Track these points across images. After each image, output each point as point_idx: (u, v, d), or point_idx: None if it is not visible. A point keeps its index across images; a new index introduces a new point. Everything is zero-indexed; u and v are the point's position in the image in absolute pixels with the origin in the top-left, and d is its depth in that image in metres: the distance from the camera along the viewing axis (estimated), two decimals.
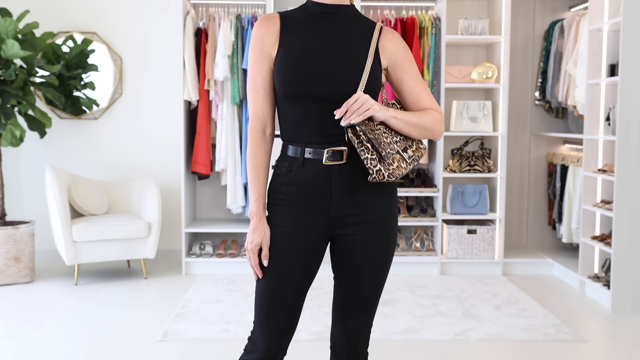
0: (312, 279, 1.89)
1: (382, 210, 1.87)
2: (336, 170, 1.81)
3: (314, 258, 1.86)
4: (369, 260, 1.87)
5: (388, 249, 1.90)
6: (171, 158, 5.44)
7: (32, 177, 5.44)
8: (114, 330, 3.71)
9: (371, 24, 1.90)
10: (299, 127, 1.82)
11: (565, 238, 5.09)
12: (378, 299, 1.94)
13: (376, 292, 1.92)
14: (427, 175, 5.29)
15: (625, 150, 4.08)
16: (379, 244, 1.87)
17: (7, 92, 4.51)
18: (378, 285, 1.91)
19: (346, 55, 1.81)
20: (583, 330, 3.81)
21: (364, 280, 1.88)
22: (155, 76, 5.44)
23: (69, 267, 5.14)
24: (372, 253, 1.87)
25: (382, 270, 1.90)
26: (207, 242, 5.17)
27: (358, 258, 1.87)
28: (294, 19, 1.86)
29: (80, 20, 5.40)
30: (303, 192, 1.82)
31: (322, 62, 1.79)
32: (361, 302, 1.90)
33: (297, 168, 1.82)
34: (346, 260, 1.88)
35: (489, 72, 5.08)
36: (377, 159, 1.76)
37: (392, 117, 1.80)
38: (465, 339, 3.58)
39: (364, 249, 1.86)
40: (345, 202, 1.82)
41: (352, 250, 1.87)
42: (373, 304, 1.92)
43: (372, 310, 1.93)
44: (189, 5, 5.07)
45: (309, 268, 1.86)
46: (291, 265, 1.82)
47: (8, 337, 3.61)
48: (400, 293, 4.48)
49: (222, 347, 3.42)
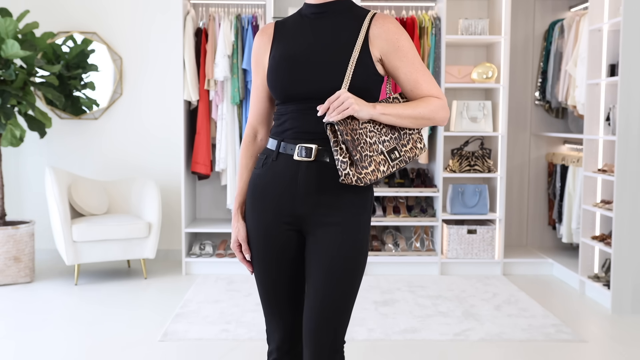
0: (298, 271, 1.84)
1: (349, 214, 1.78)
2: (304, 167, 1.77)
3: (289, 250, 1.83)
4: (325, 267, 1.76)
5: (350, 257, 1.77)
6: (171, 158, 5.44)
7: (32, 177, 5.44)
8: (114, 330, 3.71)
9: (363, 14, 1.83)
10: (284, 124, 1.82)
11: (565, 238, 5.09)
12: (340, 316, 1.77)
13: (336, 306, 1.76)
14: (427, 175, 5.29)
15: (625, 150, 4.08)
16: (339, 250, 1.76)
17: (7, 92, 4.50)
18: (339, 298, 1.76)
19: (331, 53, 1.77)
20: (583, 330, 3.81)
21: (321, 289, 1.76)
22: (155, 76, 5.44)
23: (69, 267, 5.14)
24: (331, 259, 1.76)
25: (342, 281, 1.76)
26: (207, 242, 5.17)
27: (316, 262, 1.78)
28: (287, 25, 1.88)
29: (80, 20, 5.40)
30: (272, 185, 1.82)
31: (305, 62, 1.78)
32: (317, 317, 1.76)
33: (271, 161, 1.83)
34: (308, 262, 1.81)
35: (489, 72, 5.08)
36: (348, 162, 1.69)
37: (380, 114, 1.74)
38: (465, 339, 3.58)
39: (322, 253, 1.77)
40: (311, 200, 1.78)
41: (312, 252, 1.79)
42: (331, 322, 1.76)
43: (330, 327, 1.76)
44: (189, 5, 5.07)
45: (286, 260, 1.83)
46: (267, 258, 1.84)
47: (8, 338, 3.61)
48: (400, 293, 4.48)
49: (222, 347, 3.42)
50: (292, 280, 1.85)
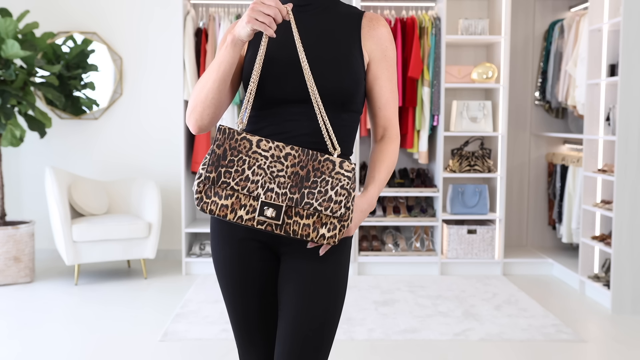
0: (272, 295, 1.63)
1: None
2: None
3: (261, 270, 1.60)
4: (300, 294, 1.54)
5: (324, 285, 1.54)
6: (171, 158, 5.44)
7: (32, 177, 5.44)
8: (114, 330, 3.71)
9: (351, 11, 1.64)
10: (263, 130, 1.57)
11: (565, 238, 5.09)
12: (316, 353, 1.54)
13: (311, 341, 1.53)
14: (427, 175, 5.29)
15: (625, 150, 4.08)
16: (315, 273, 1.53)
17: (7, 92, 4.51)
18: (316, 329, 1.53)
19: (327, 55, 1.55)
20: (583, 330, 3.81)
21: (294, 320, 1.54)
22: (155, 76, 5.44)
23: (69, 267, 5.14)
24: (307, 284, 1.53)
25: (319, 310, 1.53)
26: (207, 242, 5.17)
27: (290, 288, 1.55)
28: None
29: (80, 20, 5.40)
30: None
31: (293, 64, 1.54)
32: (288, 354, 1.54)
33: None
34: (281, 288, 1.59)
35: (489, 72, 5.08)
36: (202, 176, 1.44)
37: (371, 207, 1.58)
38: (465, 339, 3.58)
39: (297, 276, 1.55)
40: None
41: (283, 279, 1.58)
42: (305, 357, 1.54)
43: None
44: (189, 5, 5.07)
45: (257, 281, 1.61)
46: (235, 277, 1.61)
47: (8, 338, 3.61)
48: (400, 293, 4.48)
49: (222, 347, 3.42)
50: (267, 306, 1.63)
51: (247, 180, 1.42)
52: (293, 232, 1.42)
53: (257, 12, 1.42)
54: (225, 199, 1.41)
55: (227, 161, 1.42)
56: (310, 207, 1.43)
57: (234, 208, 1.41)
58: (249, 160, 1.42)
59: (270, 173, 1.43)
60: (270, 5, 1.43)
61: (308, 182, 1.44)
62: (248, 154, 1.43)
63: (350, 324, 3.78)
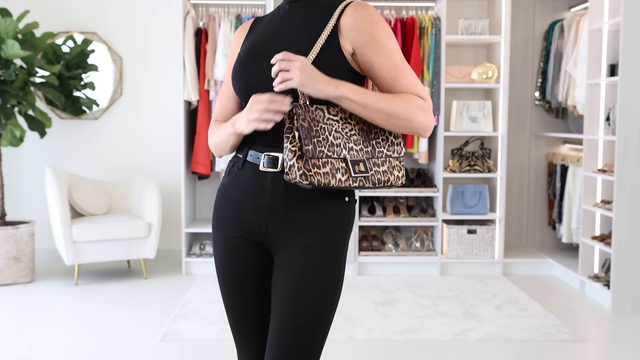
0: (268, 296, 1.63)
1: (322, 235, 1.55)
2: (270, 179, 1.55)
3: (254, 272, 1.63)
4: (289, 297, 1.52)
5: (321, 285, 1.53)
6: (171, 158, 5.44)
7: (32, 177, 5.45)
8: (114, 330, 3.71)
9: (336, 3, 1.59)
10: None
11: (565, 238, 5.09)
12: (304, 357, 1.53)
13: (299, 344, 1.52)
14: (427, 175, 5.29)
15: (625, 150, 4.08)
16: (307, 276, 1.52)
17: (7, 92, 4.51)
18: (304, 333, 1.52)
19: (290, 46, 1.54)
20: (583, 330, 3.81)
21: (282, 323, 1.53)
22: (155, 76, 5.44)
23: (69, 267, 5.14)
24: (296, 287, 1.52)
25: (305, 313, 1.52)
26: (207, 242, 5.17)
27: (280, 290, 1.55)
28: (263, 19, 1.71)
29: (80, 20, 5.40)
30: (238, 197, 1.61)
31: (261, 58, 1.57)
32: (274, 352, 1.54)
33: (237, 170, 1.62)
34: (273, 289, 1.58)
35: (489, 72, 5.08)
36: (297, 153, 1.45)
37: (340, 97, 1.48)
38: (465, 339, 3.58)
39: (287, 279, 1.53)
40: (277, 216, 1.55)
41: (277, 277, 1.57)
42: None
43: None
44: (189, 5, 5.07)
45: (251, 283, 1.63)
46: (229, 278, 1.65)
47: (8, 338, 3.61)
48: (400, 293, 4.48)
49: (222, 347, 3.42)
50: (262, 306, 1.64)
51: (332, 145, 1.49)
52: (378, 182, 1.53)
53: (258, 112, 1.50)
54: (323, 167, 1.47)
55: (314, 132, 1.47)
56: (382, 155, 1.55)
57: (333, 173, 1.48)
58: (327, 127, 1.49)
59: (345, 134, 1.51)
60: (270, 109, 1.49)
61: (371, 134, 1.55)
62: (324, 121, 1.50)
63: (350, 324, 3.78)
